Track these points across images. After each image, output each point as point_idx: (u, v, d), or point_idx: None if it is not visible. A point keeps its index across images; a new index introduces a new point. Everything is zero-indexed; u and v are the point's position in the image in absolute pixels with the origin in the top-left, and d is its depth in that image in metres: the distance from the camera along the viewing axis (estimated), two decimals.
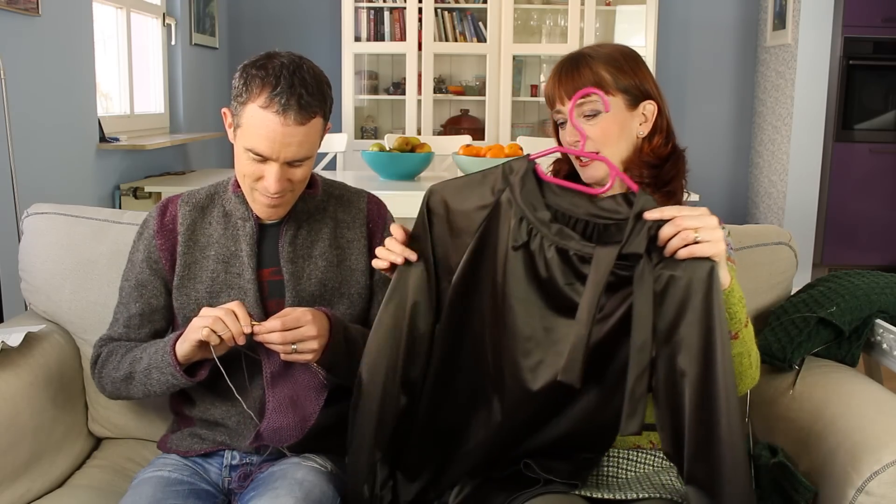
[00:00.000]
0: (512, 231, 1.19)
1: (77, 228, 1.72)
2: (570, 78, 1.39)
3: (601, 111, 1.37)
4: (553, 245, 1.18)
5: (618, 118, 1.39)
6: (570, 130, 1.38)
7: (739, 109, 5.39)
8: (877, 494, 1.24)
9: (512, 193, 1.20)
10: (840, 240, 4.79)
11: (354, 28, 5.03)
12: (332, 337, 1.34)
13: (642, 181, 1.40)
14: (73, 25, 3.15)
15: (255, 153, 1.33)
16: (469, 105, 5.37)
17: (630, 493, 1.32)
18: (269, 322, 1.28)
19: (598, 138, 1.38)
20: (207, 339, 1.28)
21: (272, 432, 1.32)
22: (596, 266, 1.13)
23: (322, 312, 1.35)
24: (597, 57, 1.40)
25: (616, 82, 1.39)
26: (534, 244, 1.19)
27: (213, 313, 1.28)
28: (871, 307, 1.60)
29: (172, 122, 4.38)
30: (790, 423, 1.48)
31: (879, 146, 4.71)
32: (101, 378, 1.47)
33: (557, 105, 1.41)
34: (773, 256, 1.75)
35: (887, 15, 4.55)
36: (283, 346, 1.28)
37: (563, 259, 1.17)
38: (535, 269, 1.19)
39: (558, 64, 1.43)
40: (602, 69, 1.38)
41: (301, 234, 1.47)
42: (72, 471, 1.59)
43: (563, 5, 5.00)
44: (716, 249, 1.10)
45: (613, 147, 1.40)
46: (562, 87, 1.39)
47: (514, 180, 1.21)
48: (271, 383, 1.33)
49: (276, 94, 1.29)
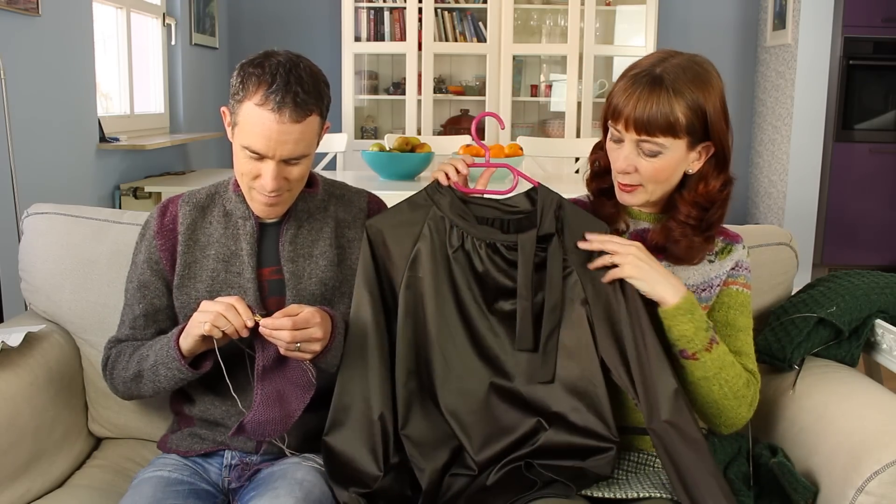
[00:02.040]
0: (448, 239, 1.40)
1: (77, 228, 1.72)
2: (645, 106, 1.30)
3: (663, 152, 1.33)
4: (482, 242, 1.39)
5: (676, 158, 1.34)
6: (622, 158, 1.34)
7: (739, 109, 5.39)
8: (877, 494, 1.24)
9: (440, 209, 1.42)
10: (840, 240, 4.79)
11: (354, 28, 5.03)
12: (334, 338, 1.35)
13: (687, 222, 1.38)
14: (73, 25, 3.15)
15: (252, 151, 1.34)
16: (469, 105, 5.36)
17: (630, 492, 1.32)
18: (279, 319, 1.27)
19: (647, 176, 1.35)
20: (209, 334, 1.28)
21: (257, 425, 1.31)
22: (522, 249, 1.37)
23: (327, 314, 1.35)
24: (678, 87, 1.30)
25: (687, 123, 1.31)
26: (467, 245, 1.40)
27: (212, 308, 1.28)
28: (870, 307, 1.60)
29: (172, 122, 4.38)
30: (790, 423, 1.48)
31: (879, 146, 4.71)
32: (113, 379, 1.48)
33: (620, 125, 1.33)
34: (773, 257, 1.75)
35: (887, 15, 4.55)
36: (289, 345, 1.28)
37: (493, 251, 1.39)
38: (472, 266, 1.40)
39: (638, 79, 1.32)
40: (679, 106, 1.30)
41: (302, 234, 1.47)
42: (72, 471, 1.59)
43: (563, 5, 5.00)
44: (629, 272, 1.32)
45: (660, 186, 1.37)
46: (634, 112, 1.30)
47: (439, 198, 1.42)
48: (261, 376, 1.32)
49: (272, 91, 1.30)
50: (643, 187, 1.37)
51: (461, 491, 1.34)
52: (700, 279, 1.43)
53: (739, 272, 1.45)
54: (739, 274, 1.45)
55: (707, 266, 1.44)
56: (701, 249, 1.41)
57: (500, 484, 1.32)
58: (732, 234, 1.48)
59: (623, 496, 1.31)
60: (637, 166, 1.35)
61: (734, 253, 1.45)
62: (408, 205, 1.43)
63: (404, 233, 1.41)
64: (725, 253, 1.45)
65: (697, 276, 1.43)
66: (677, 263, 1.42)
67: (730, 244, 1.46)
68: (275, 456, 1.44)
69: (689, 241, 1.39)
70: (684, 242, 1.39)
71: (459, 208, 1.42)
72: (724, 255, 1.45)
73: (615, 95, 1.34)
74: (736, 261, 1.45)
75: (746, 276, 1.46)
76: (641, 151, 1.34)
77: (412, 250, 1.40)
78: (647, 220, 1.46)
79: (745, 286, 1.46)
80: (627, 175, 1.36)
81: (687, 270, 1.43)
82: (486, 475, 1.34)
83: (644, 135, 1.31)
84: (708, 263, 1.44)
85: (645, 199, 1.39)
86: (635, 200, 1.40)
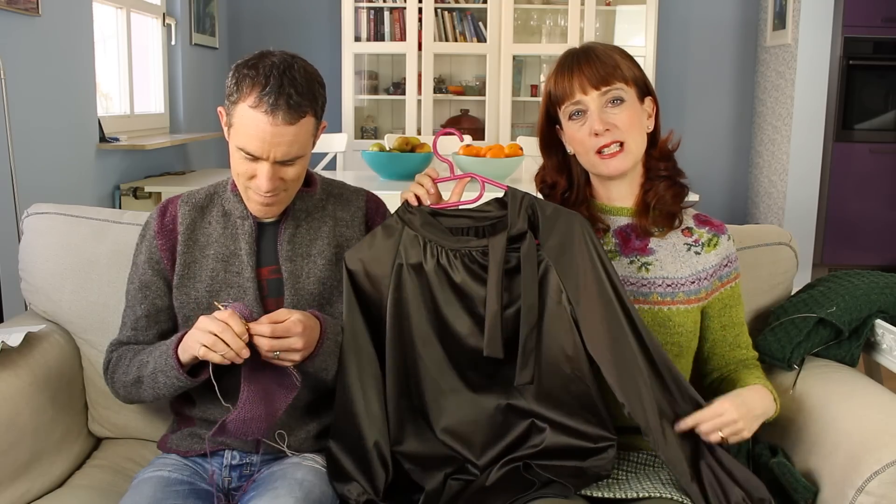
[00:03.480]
0: (423, 256, 1.38)
1: (77, 228, 1.72)
2: (592, 67, 1.38)
3: (625, 99, 1.39)
4: (457, 252, 1.37)
5: (636, 108, 1.41)
6: (596, 119, 1.38)
7: (739, 109, 5.39)
8: (877, 494, 1.24)
9: (412, 228, 1.40)
10: (840, 240, 4.79)
11: (354, 28, 5.03)
12: (324, 343, 1.35)
13: (660, 174, 1.45)
14: (73, 25, 3.15)
15: (246, 152, 1.34)
16: (469, 105, 5.36)
17: (630, 492, 1.32)
18: (262, 326, 1.28)
19: (624, 126, 1.39)
20: (205, 359, 1.28)
21: (240, 423, 1.30)
22: (493, 252, 1.34)
23: (316, 320, 1.35)
24: (608, 48, 1.41)
25: (630, 73, 1.40)
26: (443, 259, 1.38)
27: (209, 328, 1.26)
28: (870, 307, 1.60)
29: (172, 122, 4.38)
30: (790, 423, 1.48)
31: (879, 146, 4.71)
32: (114, 383, 1.48)
33: (577, 95, 1.39)
34: (773, 257, 1.75)
35: (887, 15, 4.55)
36: (267, 353, 1.29)
37: (470, 260, 1.37)
38: (451, 279, 1.37)
39: (565, 58, 1.42)
40: (619, 59, 1.40)
41: (300, 233, 1.47)
42: (72, 471, 1.59)
43: (563, 5, 5.00)
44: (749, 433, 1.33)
45: (637, 136, 1.42)
46: (584, 76, 1.38)
47: (410, 218, 1.41)
48: (248, 374, 1.32)
49: (265, 93, 1.30)
50: (626, 146, 1.40)
51: (460, 491, 1.34)
52: (689, 272, 1.46)
53: (730, 269, 1.50)
54: (731, 271, 1.50)
55: (694, 258, 1.47)
56: (675, 203, 1.45)
57: (498, 484, 1.32)
58: (716, 223, 1.51)
59: (623, 496, 1.31)
60: (611, 121, 1.38)
61: (720, 246, 1.48)
62: (382, 230, 1.41)
63: (383, 259, 1.39)
64: (712, 245, 1.48)
65: (686, 269, 1.46)
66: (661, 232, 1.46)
67: (715, 235, 1.49)
68: (275, 456, 1.44)
69: (663, 195, 1.44)
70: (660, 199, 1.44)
71: (431, 224, 1.40)
72: (710, 248, 1.48)
73: (555, 81, 1.42)
74: (724, 256, 1.48)
75: (736, 269, 1.51)
76: (608, 104, 1.39)
77: (390, 274, 1.38)
78: (627, 214, 1.48)
79: (737, 277, 1.51)
80: (606, 134, 1.38)
81: (675, 264, 1.46)
82: (485, 475, 1.34)
83: (603, 86, 1.38)
84: (695, 255, 1.47)
85: (632, 159, 1.42)
86: (623, 164, 1.41)
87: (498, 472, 1.34)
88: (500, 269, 1.33)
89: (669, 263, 1.46)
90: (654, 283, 1.45)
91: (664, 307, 1.44)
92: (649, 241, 1.47)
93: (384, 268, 1.38)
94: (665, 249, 1.47)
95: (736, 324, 1.51)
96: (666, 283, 1.45)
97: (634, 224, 1.47)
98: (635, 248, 1.47)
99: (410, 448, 1.37)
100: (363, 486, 1.34)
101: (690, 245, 1.48)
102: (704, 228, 1.49)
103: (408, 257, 1.38)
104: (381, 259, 1.39)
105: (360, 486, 1.34)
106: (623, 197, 1.48)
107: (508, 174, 3.52)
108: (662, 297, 1.45)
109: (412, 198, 1.42)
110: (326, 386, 1.43)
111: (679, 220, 1.47)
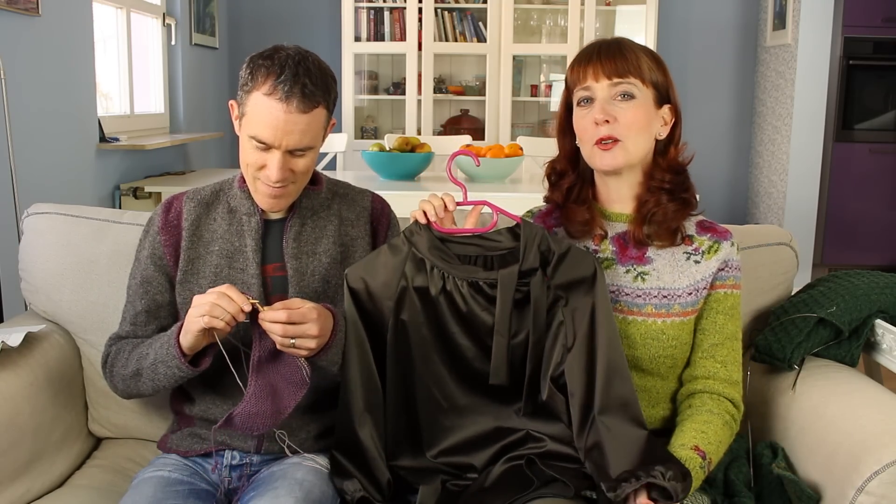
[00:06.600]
0: (430, 280, 1.37)
1: (77, 228, 1.72)
2: (611, 58, 1.38)
3: (636, 96, 1.38)
4: (465, 281, 1.36)
5: (647, 110, 1.39)
6: (599, 108, 1.37)
7: (739, 109, 5.39)
8: (877, 494, 1.24)
9: (419, 251, 1.38)
10: (840, 240, 4.79)
11: (354, 28, 5.03)
12: (335, 336, 1.34)
13: (663, 185, 1.41)
14: (73, 25, 3.15)
15: (259, 140, 1.35)
16: (469, 105, 5.37)
17: None
18: (277, 312, 1.28)
19: (626, 123, 1.37)
20: (208, 326, 1.28)
21: (246, 417, 1.30)
22: (502, 286, 1.34)
23: (329, 311, 1.35)
24: (637, 46, 1.41)
25: (651, 75, 1.39)
26: (449, 285, 1.37)
27: (206, 300, 1.28)
28: (870, 307, 1.60)
29: (172, 122, 4.38)
30: (790, 423, 1.48)
31: (879, 146, 4.71)
32: (112, 377, 1.48)
33: (589, 81, 1.39)
34: (773, 257, 1.75)
35: (887, 15, 4.55)
36: (283, 339, 1.28)
37: (476, 290, 1.36)
38: (456, 306, 1.36)
39: (591, 45, 1.42)
40: (643, 58, 1.39)
41: (305, 231, 1.48)
42: (72, 471, 1.59)
43: (563, 5, 5.00)
44: None
45: (638, 137, 1.39)
46: (600, 64, 1.38)
47: (416, 240, 1.39)
48: (256, 369, 1.32)
49: (281, 81, 1.32)
50: (622, 143, 1.38)
51: (460, 491, 1.34)
52: (687, 282, 1.42)
53: (728, 273, 1.44)
54: (728, 275, 1.44)
55: (693, 267, 1.43)
56: (676, 218, 1.42)
57: (498, 484, 1.32)
58: (721, 229, 1.47)
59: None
60: (614, 114, 1.37)
61: (721, 251, 1.43)
62: (388, 249, 1.40)
63: (386, 279, 1.38)
64: (712, 252, 1.43)
65: (684, 280, 1.42)
66: (660, 245, 1.43)
67: (717, 241, 1.44)
68: (275, 456, 1.44)
69: (664, 208, 1.41)
70: (660, 212, 1.41)
71: (438, 248, 1.38)
72: (710, 255, 1.43)
73: (577, 64, 1.41)
74: (723, 260, 1.43)
75: (736, 277, 1.44)
76: (616, 97, 1.38)
77: (395, 294, 1.37)
78: (625, 220, 1.46)
79: (735, 287, 1.44)
80: (605, 125, 1.37)
81: (673, 273, 1.42)
82: (484, 475, 1.35)
83: (615, 77, 1.37)
84: (694, 264, 1.43)
85: (624, 158, 1.39)
86: (615, 160, 1.39)
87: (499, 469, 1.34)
88: (510, 301, 1.33)
89: (667, 273, 1.42)
90: (650, 294, 1.41)
91: (658, 319, 1.41)
92: (647, 250, 1.44)
93: (388, 289, 1.38)
94: (663, 259, 1.43)
95: (721, 334, 1.42)
96: (662, 293, 1.41)
97: (632, 232, 1.44)
98: (632, 256, 1.44)
99: (406, 464, 1.38)
100: (362, 483, 1.34)
101: (690, 254, 1.43)
102: (706, 236, 1.45)
103: (413, 280, 1.37)
104: (385, 279, 1.38)
105: (358, 482, 1.34)
106: (622, 199, 1.46)
107: (508, 174, 3.52)
108: (657, 310, 1.41)
109: (421, 216, 1.40)
110: (327, 386, 1.43)
111: (681, 236, 1.43)
